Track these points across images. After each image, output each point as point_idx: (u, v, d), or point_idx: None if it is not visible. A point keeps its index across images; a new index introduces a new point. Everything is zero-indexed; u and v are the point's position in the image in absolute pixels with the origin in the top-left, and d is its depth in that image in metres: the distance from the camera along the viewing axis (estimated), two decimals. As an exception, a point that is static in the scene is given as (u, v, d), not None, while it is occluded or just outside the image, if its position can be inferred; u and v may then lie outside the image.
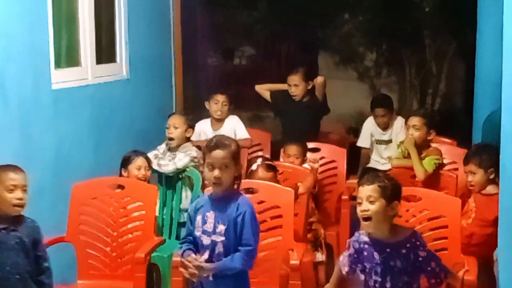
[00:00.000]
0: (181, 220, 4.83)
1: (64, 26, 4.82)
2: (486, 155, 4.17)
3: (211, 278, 3.21)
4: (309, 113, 5.87)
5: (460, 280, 3.36)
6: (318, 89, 5.90)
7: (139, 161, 4.61)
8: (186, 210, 4.81)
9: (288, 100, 5.92)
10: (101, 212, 4.19)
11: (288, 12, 8.00)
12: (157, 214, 4.60)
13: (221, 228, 3.20)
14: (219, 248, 3.20)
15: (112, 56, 5.55)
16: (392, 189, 3.24)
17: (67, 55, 4.86)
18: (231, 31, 8.33)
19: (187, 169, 4.89)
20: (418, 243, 3.26)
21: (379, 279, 3.22)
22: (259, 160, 4.54)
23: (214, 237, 3.20)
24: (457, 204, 3.88)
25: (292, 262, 3.79)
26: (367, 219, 3.19)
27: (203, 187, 4.58)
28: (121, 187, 4.32)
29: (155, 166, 4.81)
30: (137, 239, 4.14)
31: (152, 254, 4.12)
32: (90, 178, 4.35)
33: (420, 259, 3.23)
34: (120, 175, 4.64)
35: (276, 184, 4.22)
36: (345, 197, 5.08)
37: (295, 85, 5.85)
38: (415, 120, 4.91)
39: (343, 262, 3.35)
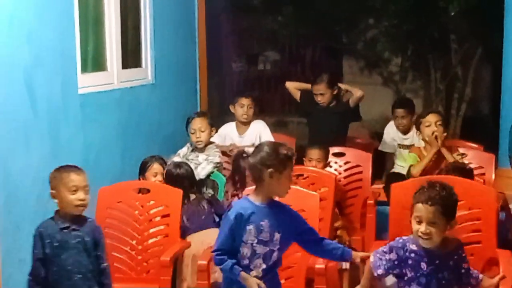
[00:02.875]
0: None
1: (91, 31, 4.87)
2: None
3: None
4: (336, 119, 5.82)
5: (495, 285, 3.31)
6: (353, 100, 5.85)
7: (154, 167, 4.63)
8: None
9: (315, 105, 5.90)
10: (126, 215, 4.22)
11: (313, 17, 7.99)
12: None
13: (277, 236, 3.21)
14: (275, 257, 3.23)
15: (137, 60, 5.60)
16: (452, 206, 3.16)
17: (93, 60, 4.91)
18: (255, 36, 8.34)
19: (211, 174, 4.90)
20: (463, 255, 3.22)
21: None
22: None
23: (271, 246, 3.20)
24: (492, 195, 3.79)
25: (317, 266, 3.77)
26: (427, 239, 3.12)
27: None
28: (146, 191, 4.34)
29: None
30: (162, 243, 4.16)
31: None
32: (117, 182, 4.38)
33: (463, 271, 3.20)
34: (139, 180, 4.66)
35: (302, 188, 4.21)
36: (370, 202, 5.05)
37: (321, 94, 5.84)
38: (436, 116, 4.87)
39: (376, 264, 3.22)
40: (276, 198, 3.28)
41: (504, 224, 5.06)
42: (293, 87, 6.10)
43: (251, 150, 3.33)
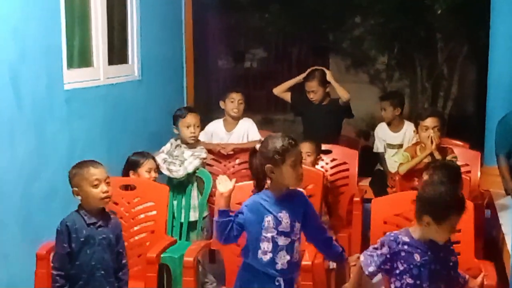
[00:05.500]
0: (192, 220, 4.84)
1: (77, 27, 4.85)
2: None
3: (283, 283, 3.21)
4: (329, 116, 5.85)
5: (480, 285, 3.34)
6: (341, 101, 5.84)
7: (148, 163, 4.60)
8: (194, 208, 4.84)
9: (308, 103, 5.91)
10: (112, 212, 4.19)
11: (300, 15, 7.99)
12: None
13: (298, 226, 3.22)
14: (297, 246, 3.24)
15: (124, 57, 5.58)
16: None
17: (79, 56, 4.88)
18: (242, 33, 8.32)
19: (198, 171, 4.88)
20: (452, 248, 3.26)
21: (411, 282, 3.16)
22: None
23: (293, 236, 3.20)
24: (470, 208, 3.85)
25: (304, 263, 3.76)
26: None
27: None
28: (132, 187, 4.32)
29: (165, 171, 4.80)
30: (148, 239, 4.14)
31: (163, 255, 4.12)
32: (102, 178, 4.35)
33: (451, 264, 3.22)
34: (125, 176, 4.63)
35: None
36: (357, 199, 5.07)
37: (313, 91, 5.85)
38: (435, 121, 4.83)
39: (366, 262, 3.23)
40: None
41: (489, 221, 5.11)
42: (281, 90, 6.09)
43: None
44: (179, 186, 4.86)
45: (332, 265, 4.56)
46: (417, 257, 3.16)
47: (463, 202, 3.21)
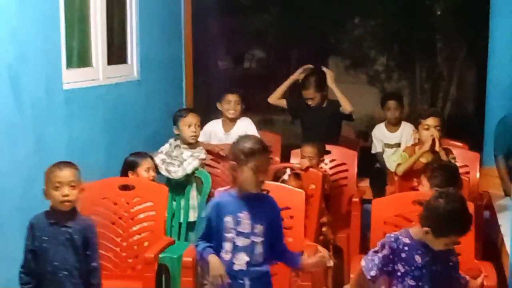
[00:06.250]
0: (191, 220, 4.84)
1: (76, 27, 4.83)
2: None
3: (248, 282, 3.19)
4: (328, 118, 5.84)
5: (480, 286, 3.33)
6: (343, 109, 5.82)
7: (147, 163, 4.59)
8: (193, 208, 4.84)
9: (306, 107, 5.91)
10: (111, 212, 4.20)
11: (299, 16, 8.00)
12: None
13: (260, 228, 3.18)
14: (259, 249, 3.20)
15: (123, 57, 5.57)
16: None
17: (79, 56, 4.87)
18: (241, 34, 8.33)
19: (196, 171, 4.88)
20: (453, 248, 3.23)
21: (413, 283, 3.13)
22: (288, 171, 4.69)
23: (253, 238, 3.18)
24: (470, 209, 3.84)
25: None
26: None
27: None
28: (131, 187, 4.32)
29: (163, 172, 4.81)
30: (147, 240, 4.14)
31: (162, 255, 4.11)
32: (102, 178, 4.35)
33: (451, 264, 3.21)
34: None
35: (287, 185, 4.21)
36: (355, 199, 5.06)
37: (311, 99, 5.85)
38: (436, 121, 4.81)
39: (368, 266, 3.19)
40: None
41: (488, 222, 5.11)
42: (276, 98, 6.06)
43: None
44: (178, 187, 4.86)
45: (330, 263, 4.58)
46: (418, 258, 3.14)
47: (467, 224, 3.16)
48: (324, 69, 6.07)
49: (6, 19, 3.82)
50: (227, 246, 3.19)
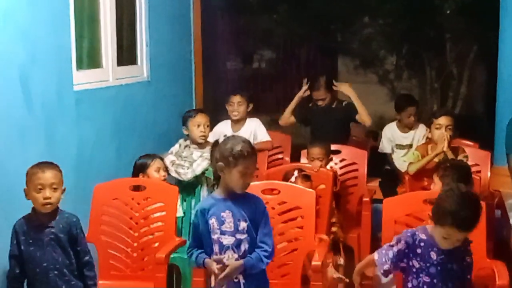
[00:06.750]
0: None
1: (86, 28, 4.86)
2: None
3: (242, 280, 3.18)
4: (337, 118, 5.85)
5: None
6: (359, 119, 5.82)
7: (156, 163, 4.59)
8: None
9: (314, 111, 5.95)
10: (122, 212, 4.19)
11: (308, 16, 7.99)
12: (181, 214, 4.61)
13: (243, 225, 3.17)
14: (245, 246, 3.18)
15: (133, 58, 5.58)
16: None
17: (89, 57, 4.89)
18: (250, 34, 8.34)
19: (206, 171, 4.89)
20: (468, 248, 3.23)
21: (428, 280, 3.13)
22: (296, 172, 4.64)
23: (238, 236, 3.17)
24: (482, 207, 3.82)
25: (314, 263, 3.76)
26: None
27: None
28: (142, 188, 4.33)
29: (173, 174, 4.83)
30: (158, 240, 4.14)
31: (173, 255, 4.12)
32: (112, 179, 4.36)
33: (465, 263, 3.20)
34: (134, 178, 4.63)
35: (297, 185, 4.21)
36: (366, 199, 5.05)
37: (322, 99, 5.90)
38: (448, 120, 4.80)
39: (381, 260, 3.19)
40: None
41: (499, 221, 5.08)
42: (286, 118, 6.07)
43: None
44: (188, 187, 4.87)
45: (340, 261, 4.57)
46: (433, 255, 3.14)
47: (466, 218, 3.09)
48: (338, 84, 6.03)
49: (17, 21, 3.84)
50: (216, 248, 3.20)
